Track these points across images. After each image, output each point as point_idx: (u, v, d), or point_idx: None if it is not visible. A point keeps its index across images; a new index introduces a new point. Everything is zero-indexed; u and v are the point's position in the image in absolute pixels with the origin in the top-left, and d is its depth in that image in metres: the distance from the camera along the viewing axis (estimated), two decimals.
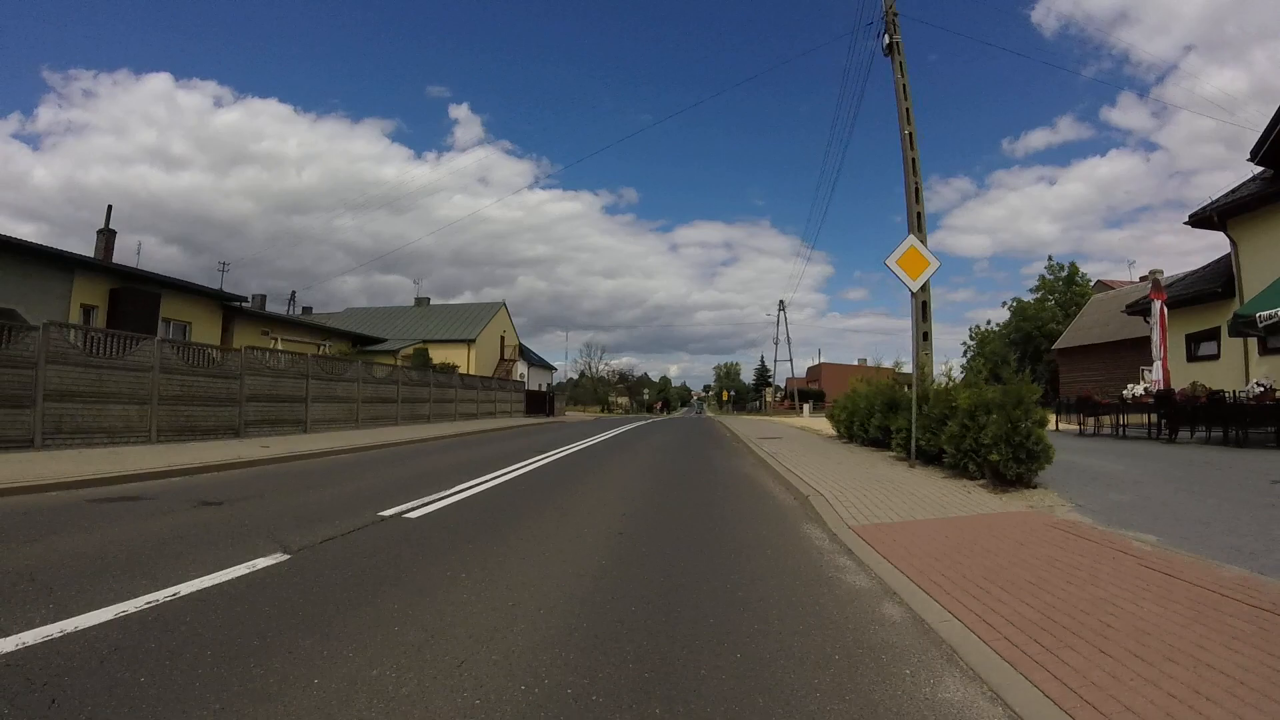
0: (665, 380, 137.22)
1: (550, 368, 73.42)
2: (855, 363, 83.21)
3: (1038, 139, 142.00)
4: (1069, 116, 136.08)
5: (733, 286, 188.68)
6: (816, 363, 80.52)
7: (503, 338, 42.30)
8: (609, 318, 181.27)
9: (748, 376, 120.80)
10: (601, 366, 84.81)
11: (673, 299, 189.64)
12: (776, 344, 53.21)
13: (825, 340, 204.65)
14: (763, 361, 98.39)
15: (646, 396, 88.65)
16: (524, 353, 60.71)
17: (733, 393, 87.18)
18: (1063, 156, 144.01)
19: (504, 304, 43.33)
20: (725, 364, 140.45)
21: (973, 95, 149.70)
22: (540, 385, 67.18)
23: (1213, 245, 33.41)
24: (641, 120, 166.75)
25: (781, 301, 53.39)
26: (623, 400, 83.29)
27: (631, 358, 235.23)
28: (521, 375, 64.00)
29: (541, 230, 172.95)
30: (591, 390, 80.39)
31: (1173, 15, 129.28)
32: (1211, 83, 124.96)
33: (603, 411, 69.72)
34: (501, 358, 41.32)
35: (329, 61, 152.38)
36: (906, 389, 9.66)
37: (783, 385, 72.87)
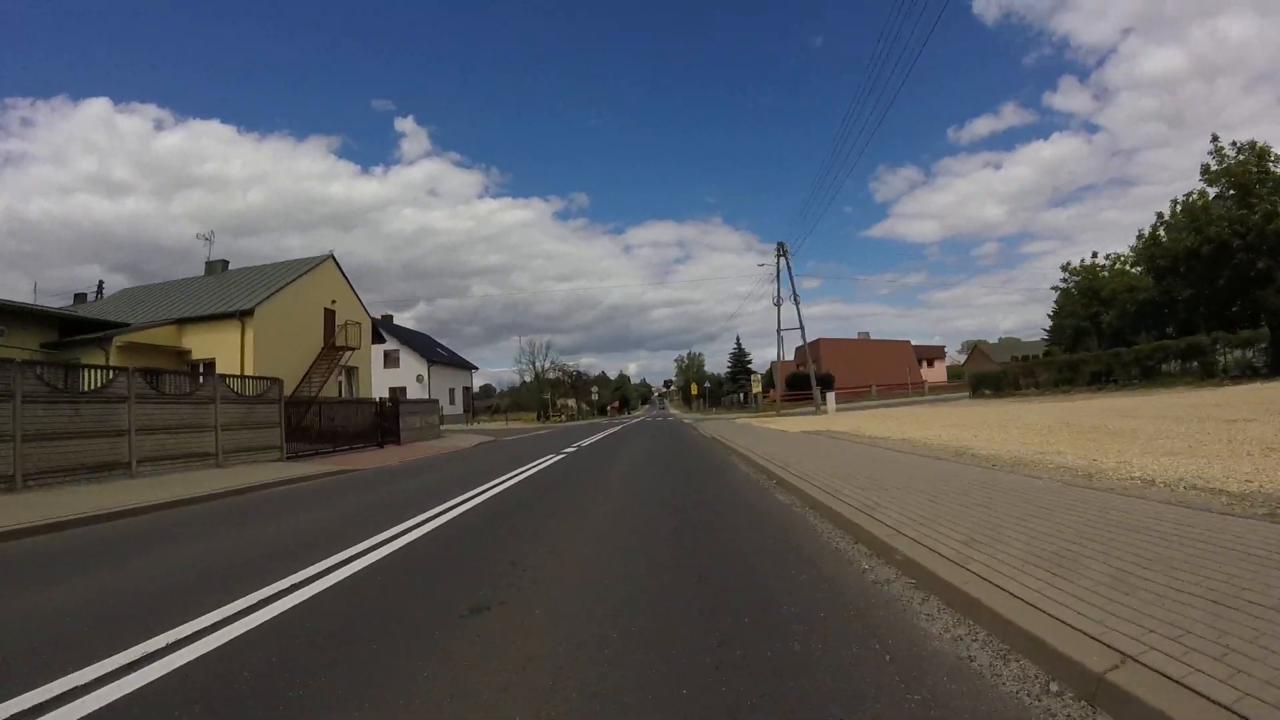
0: (623, 378, 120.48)
1: (470, 367, 55.29)
2: (855, 336, 67.76)
3: (983, 126, 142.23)
4: (1012, 103, 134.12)
5: (687, 284, 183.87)
6: (807, 341, 64.25)
7: (330, 310, 24.13)
8: (566, 321, 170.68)
9: (713, 366, 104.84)
10: (548, 365, 67.22)
11: (628, 299, 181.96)
12: (779, 304, 36.66)
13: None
14: (739, 344, 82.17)
15: (596, 397, 71.02)
16: (393, 338, 41.69)
17: (706, 385, 70.41)
18: (1007, 141, 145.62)
19: (332, 256, 24.94)
20: (688, 355, 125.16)
21: (919, 85, 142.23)
22: (452, 390, 49.26)
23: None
24: (591, 123, 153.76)
25: (781, 244, 36.70)
26: (570, 403, 65.72)
27: (591, 358, 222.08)
28: (420, 378, 45.81)
29: (494, 240, 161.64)
30: (536, 393, 62.83)
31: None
32: (1150, 62, 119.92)
33: (539, 420, 51.99)
34: (329, 344, 23.16)
35: (271, 80, 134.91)
36: None
37: (769, 367, 56.70)
